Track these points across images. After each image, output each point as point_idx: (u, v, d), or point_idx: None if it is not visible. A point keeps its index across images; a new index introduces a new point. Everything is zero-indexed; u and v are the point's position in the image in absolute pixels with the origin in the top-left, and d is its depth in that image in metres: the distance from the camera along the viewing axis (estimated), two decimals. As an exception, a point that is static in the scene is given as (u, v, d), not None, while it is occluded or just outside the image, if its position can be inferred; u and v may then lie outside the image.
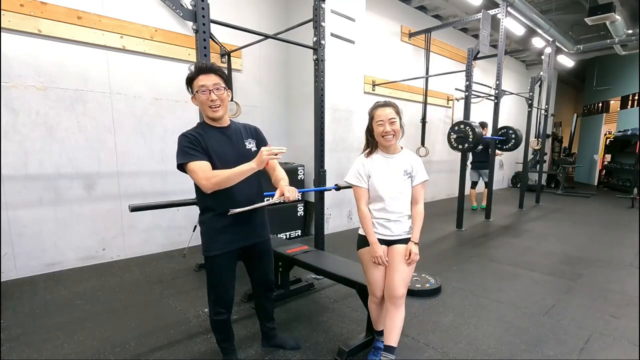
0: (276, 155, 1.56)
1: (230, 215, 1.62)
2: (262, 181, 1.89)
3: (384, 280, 1.90)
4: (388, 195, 1.84)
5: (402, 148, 1.94)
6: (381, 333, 2.04)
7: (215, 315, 1.85)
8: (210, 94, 1.63)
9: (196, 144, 1.62)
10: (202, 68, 1.64)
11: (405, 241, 1.88)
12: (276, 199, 1.68)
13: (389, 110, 1.80)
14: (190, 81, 1.66)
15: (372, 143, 1.90)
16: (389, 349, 1.86)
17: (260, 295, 2.06)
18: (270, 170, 1.91)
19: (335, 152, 4.83)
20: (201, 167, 1.59)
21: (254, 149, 1.81)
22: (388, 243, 1.89)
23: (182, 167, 1.64)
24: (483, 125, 6.29)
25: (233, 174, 1.58)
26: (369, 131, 1.89)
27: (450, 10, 6.92)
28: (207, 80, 1.62)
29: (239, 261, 1.90)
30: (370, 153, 1.91)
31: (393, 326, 1.85)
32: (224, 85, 1.68)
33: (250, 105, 4.67)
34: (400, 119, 1.83)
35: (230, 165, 1.64)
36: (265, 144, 1.86)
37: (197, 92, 1.63)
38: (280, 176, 1.86)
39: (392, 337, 1.85)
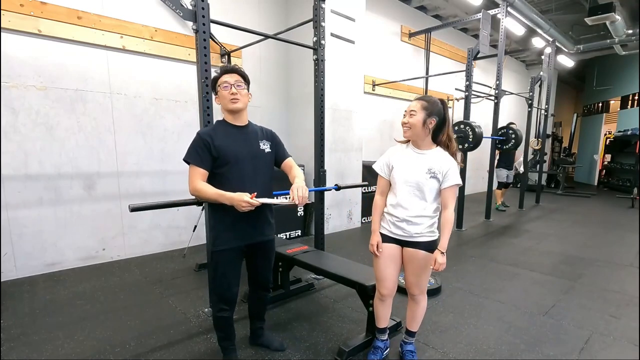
0: (252, 205, 1.62)
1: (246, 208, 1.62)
2: (273, 180, 1.94)
3: (393, 280, 1.91)
4: (404, 191, 1.81)
5: (437, 146, 1.84)
6: (382, 331, 2.04)
7: (218, 312, 1.87)
8: (231, 88, 1.75)
9: (204, 149, 1.70)
10: (227, 69, 1.79)
11: (421, 245, 1.82)
12: (289, 202, 1.71)
13: (415, 103, 1.80)
14: (215, 80, 1.79)
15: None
16: (409, 332, 2.06)
17: (256, 294, 2.08)
18: (287, 170, 1.98)
19: (335, 152, 4.83)
20: (194, 173, 1.71)
21: (267, 150, 1.88)
22: (402, 243, 1.86)
23: (185, 161, 1.75)
24: (510, 124, 6.50)
25: (207, 194, 1.68)
26: None
27: (450, 10, 6.92)
28: (230, 78, 1.76)
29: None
30: (405, 143, 1.91)
31: (412, 317, 2.02)
32: (245, 83, 1.81)
33: (250, 105, 4.58)
34: (426, 114, 1.76)
35: (243, 162, 1.76)
36: (281, 146, 2.00)
37: (219, 86, 1.76)
38: (295, 173, 1.91)
39: (411, 325, 2.04)
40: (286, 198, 1.77)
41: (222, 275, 1.82)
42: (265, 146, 1.87)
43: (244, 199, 1.60)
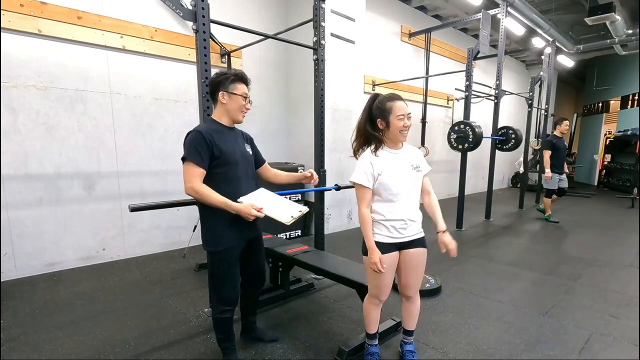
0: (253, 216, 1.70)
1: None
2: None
3: (391, 285, 1.89)
4: (401, 192, 1.76)
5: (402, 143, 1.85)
6: (372, 336, 2.02)
7: (219, 313, 1.87)
8: (247, 103, 1.86)
9: (205, 148, 1.69)
10: (246, 79, 1.86)
11: (417, 243, 1.83)
12: (287, 218, 1.77)
13: (405, 104, 1.74)
14: (231, 82, 1.80)
15: (377, 138, 1.78)
16: (408, 332, 2.05)
17: (251, 288, 2.10)
18: (266, 171, 2.10)
19: (335, 152, 4.83)
20: (193, 172, 1.69)
21: (250, 152, 1.97)
22: (400, 247, 1.82)
23: (183, 159, 1.73)
24: (557, 122, 5.59)
25: (211, 199, 1.67)
26: (372, 125, 1.78)
27: (450, 10, 6.92)
28: (247, 91, 1.85)
29: None
30: (376, 150, 1.78)
31: (410, 316, 2.01)
32: None
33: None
34: None
35: (239, 163, 1.82)
36: (258, 150, 2.07)
37: (237, 95, 1.80)
38: (277, 171, 2.12)
39: (410, 323, 2.03)
40: (289, 198, 1.83)
41: (227, 274, 1.83)
42: (249, 149, 1.96)
43: (251, 212, 1.66)
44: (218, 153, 1.72)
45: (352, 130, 1.89)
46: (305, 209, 1.82)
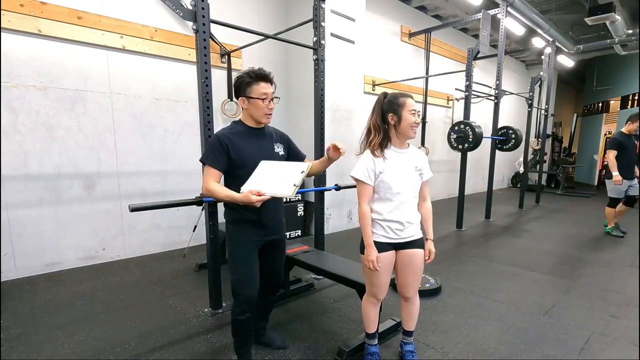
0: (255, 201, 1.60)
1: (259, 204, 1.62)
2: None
3: (388, 284, 1.90)
4: (403, 193, 1.76)
5: (408, 143, 1.86)
6: (372, 336, 2.02)
7: (239, 314, 1.79)
8: (270, 102, 1.77)
9: (221, 151, 1.73)
10: (264, 76, 1.75)
11: (415, 243, 1.83)
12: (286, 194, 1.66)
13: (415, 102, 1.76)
14: (247, 85, 1.73)
15: (386, 136, 1.77)
16: (407, 332, 2.05)
17: (267, 292, 2.07)
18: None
19: (335, 152, 4.82)
20: (209, 174, 1.73)
21: (281, 152, 1.92)
22: (397, 246, 1.82)
23: (202, 162, 1.78)
24: (629, 119, 4.83)
25: (218, 195, 1.69)
26: (384, 121, 1.76)
27: (450, 10, 6.92)
28: (268, 89, 1.75)
29: None
30: (383, 147, 1.76)
31: (409, 316, 2.01)
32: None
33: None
34: None
35: (257, 163, 1.75)
36: (295, 148, 2.04)
37: (256, 98, 1.73)
38: (314, 162, 1.97)
39: (409, 324, 2.02)
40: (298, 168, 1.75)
41: (246, 271, 1.77)
42: (280, 149, 1.91)
43: (251, 199, 1.57)
44: (235, 156, 1.74)
45: (362, 129, 1.86)
46: (306, 167, 1.71)
